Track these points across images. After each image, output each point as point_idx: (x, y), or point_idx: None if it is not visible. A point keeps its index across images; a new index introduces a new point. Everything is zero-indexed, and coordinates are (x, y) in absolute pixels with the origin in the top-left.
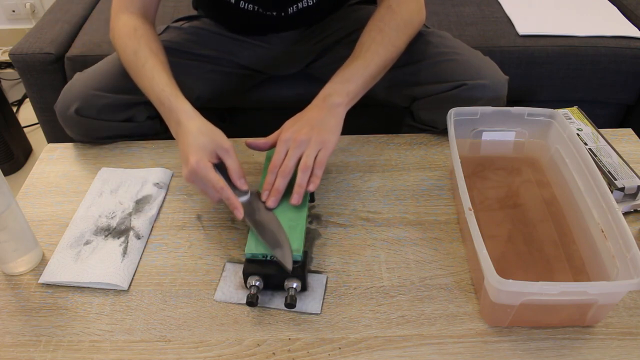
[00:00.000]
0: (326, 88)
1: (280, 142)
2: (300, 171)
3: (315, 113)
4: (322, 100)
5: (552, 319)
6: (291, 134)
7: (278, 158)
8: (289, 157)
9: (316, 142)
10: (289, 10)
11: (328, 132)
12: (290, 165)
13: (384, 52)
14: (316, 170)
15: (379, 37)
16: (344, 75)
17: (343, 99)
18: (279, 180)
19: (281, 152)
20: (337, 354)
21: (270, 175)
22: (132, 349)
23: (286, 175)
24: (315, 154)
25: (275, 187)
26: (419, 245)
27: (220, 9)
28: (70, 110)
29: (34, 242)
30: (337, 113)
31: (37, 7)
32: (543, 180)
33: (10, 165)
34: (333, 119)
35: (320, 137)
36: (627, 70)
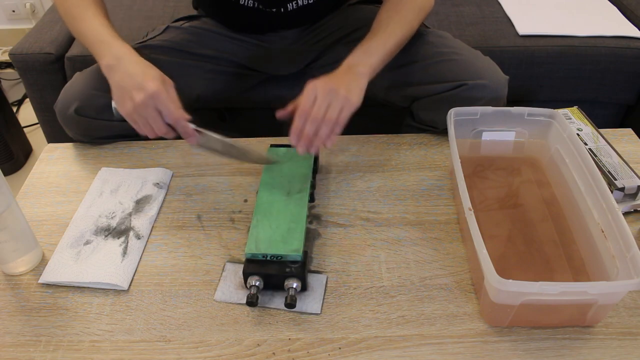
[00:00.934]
0: (350, 59)
1: (309, 88)
2: (325, 123)
3: (342, 75)
4: (348, 68)
5: (552, 319)
6: (320, 82)
7: (307, 102)
8: (319, 105)
9: (343, 97)
10: (288, 6)
11: (354, 92)
12: (320, 113)
13: (400, 32)
14: (336, 128)
15: (397, 17)
16: (367, 48)
17: (366, 70)
18: (308, 126)
19: (310, 96)
20: (337, 354)
21: (300, 120)
22: (132, 349)
23: (316, 121)
24: (340, 108)
25: (306, 134)
26: (419, 245)
27: (221, 7)
28: (70, 110)
29: (34, 242)
30: (362, 80)
31: (37, 7)
32: (543, 180)
33: (10, 165)
34: (358, 83)
35: (346, 93)
36: (627, 70)
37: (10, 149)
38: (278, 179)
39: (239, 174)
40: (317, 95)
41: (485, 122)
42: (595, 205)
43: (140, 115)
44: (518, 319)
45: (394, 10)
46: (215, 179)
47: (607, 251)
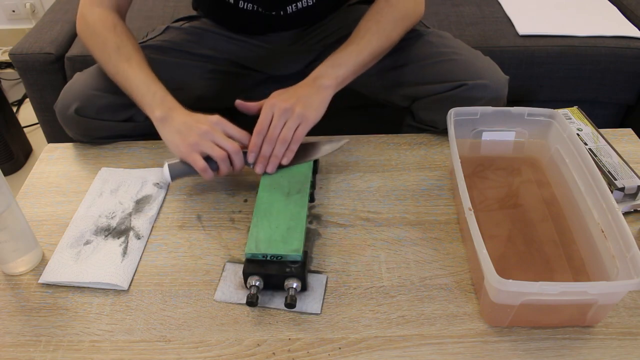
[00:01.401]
0: (317, 70)
1: (266, 106)
2: (279, 143)
3: (303, 89)
4: (312, 81)
5: (552, 319)
6: (277, 100)
7: (264, 120)
8: (274, 125)
9: (298, 115)
10: (288, 9)
11: (311, 108)
12: (275, 133)
13: (377, 43)
14: (292, 145)
15: (375, 28)
16: (336, 60)
17: (332, 82)
18: (265, 147)
19: (267, 114)
20: (337, 354)
21: (257, 137)
22: (132, 349)
23: (272, 142)
24: (295, 127)
25: (262, 154)
26: (419, 245)
27: (220, 9)
28: (70, 110)
29: (34, 242)
30: (324, 93)
31: (37, 7)
32: (543, 180)
33: (10, 165)
34: (319, 97)
35: (303, 110)
36: (627, 70)
37: (10, 149)
38: (278, 179)
39: (238, 174)
40: (273, 113)
41: (485, 122)
42: (595, 205)
43: (207, 140)
44: (518, 319)
45: (373, 21)
46: (215, 179)
47: (607, 251)
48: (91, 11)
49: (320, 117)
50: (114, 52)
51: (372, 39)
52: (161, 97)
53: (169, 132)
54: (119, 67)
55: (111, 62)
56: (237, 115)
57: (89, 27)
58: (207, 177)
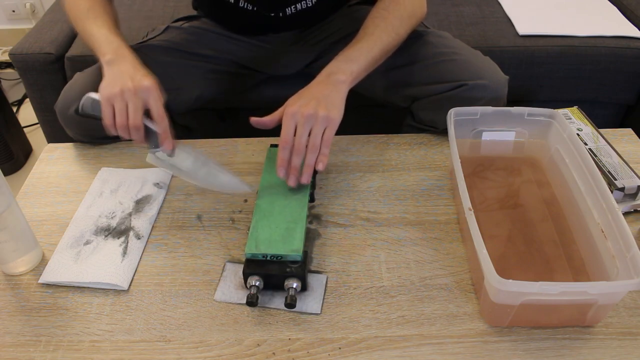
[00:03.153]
0: (330, 66)
1: (287, 117)
2: (310, 152)
3: (320, 88)
4: (327, 77)
5: (552, 319)
6: (298, 108)
7: (288, 133)
8: (300, 134)
9: (323, 119)
10: (287, 10)
11: (333, 107)
12: (302, 143)
13: (386, 39)
14: (323, 149)
15: (383, 24)
16: (348, 55)
17: (347, 77)
18: (294, 158)
19: (290, 126)
20: (337, 354)
21: (284, 152)
22: (132, 349)
23: (300, 153)
24: (322, 131)
25: (293, 166)
26: (419, 245)
27: (220, 9)
28: (70, 110)
29: (34, 242)
30: (341, 89)
31: (37, 7)
32: (543, 180)
33: (10, 165)
34: (337, 94)
35: (326, 113)
36: (627, 70)
37: (10, 149)
38: (278, 179)
39: (239, 174)
40: (296, 123)
41: (485, 122)
42: (595, 205)
43: (122, 100)
44: (518, 319)
45: (380, 18)
46: None
47: (607, 251)
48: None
49: (343, 115)
50: (84, 14)
51: (382, 34)
52: (116, 45)
53: (107, 75)
54: (85, 26)
55: (81, 22)
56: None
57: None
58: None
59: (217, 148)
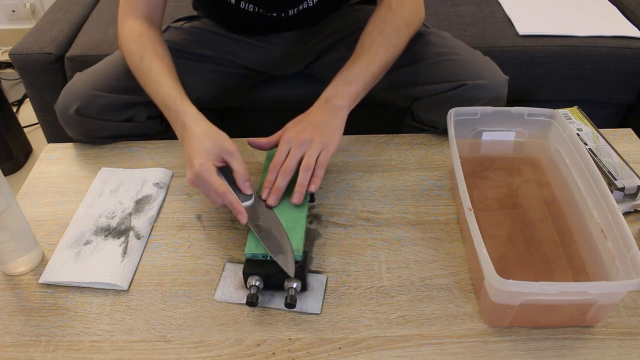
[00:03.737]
0: (328, 90)
1: (283, 141)
2: (302, 170)
3: (318, 115)
4: (325, 103)
5: (552, 319)
6: (294, 133)
7: (280, 157)
8: (291, 156)
9: (319, 143)
10: (289, 11)
11: (330, 133)
12: (291, 165)
13: (384, 53)
14: (317, 171)
15: (380, 38)
16: (345, 78)
17: (345, 102)
18: (280, 179)
19: (283, 150)
20: (337, 354)
21: (272, 174)
22: (132, 349)
23: (287, 174)
24: (317, 154)
25: (276, 186)
26: (419, 245)
27: (221, 10)
28: (70, 110)
29: (34, 242)
30: (340, 115)
31: (37, 7)
32: (543, 180)
33: (10, 165)
34: (336, 121)
35: (322, 138)
36: (627, 70)
37: (10, 149)
38: None
39: None
40: (290, 147)
41: (485, 122)
42: (595, 205)
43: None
44: (518, 319)
45: (377, 32)
46: None
47: (607, 251)
48: (123, 25)
49: (340, 141)
50: (139, 63)
51: (379, 50)
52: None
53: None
54: (143, 78)
55: (137, 74)
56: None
57: (122, 42)
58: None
59: None
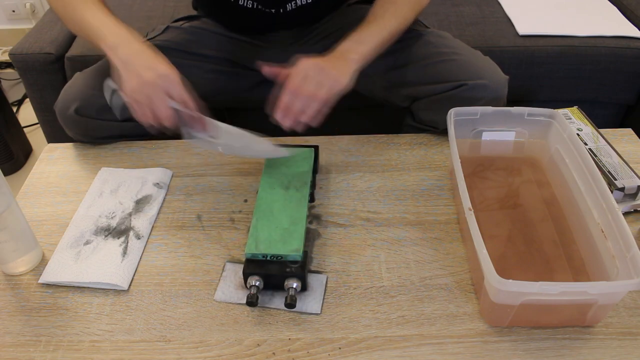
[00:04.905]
0: (342, 46)
1: (301, 64)
2: (314, 100)
3: (332, 59)
4: (340, 54)
5: (552, 319)
6: (312, 62)
7: (297, 78)
8: (310, 82)
9: (333, 77)
10: (287, 7)
11: (344, 74)
12: (307, 89)
13: (395, 23)
14: (324, 108)
15: (392, 9)
16: (359, 37)
17: (358, 57)
18: (298, 103)
19: (300, 73)
20: (337, 354)
21: (288, 96)
22: (132, 349)
23: (304, 97)
24: (329, 88)
25: (294, 110)
26: (419, 245)
27: (220, 8)
28: (70, 110)
29: (34, 242)
30: (352, 66)
31: (37, 7)
32: (543, 180)
33: (10, 165)
34: (349, 67)
35: (337, 73)
36: (627, 70)
37: (10, 149)
38: (278, 178)
39: (239, 174)
40: (307, 72)
41: (485, 122)
42: (595, 205)
43: (145, 95)
44: (518, 319)
45: (389, 2)
46: (215, 179)
47: (607, 251)
48: None
49: (350, 88)
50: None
51: (391, 18)
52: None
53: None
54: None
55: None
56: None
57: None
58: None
59: None
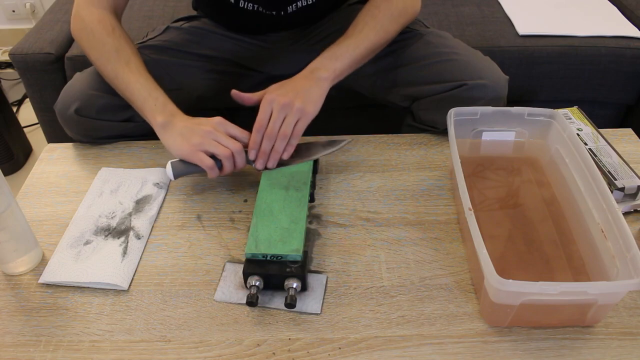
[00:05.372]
0: (315, 62)
1: (265, 101)
2: (279, 139)
3: (301, 82)
4: (310, 73)
5: (552, 319)
6: (276, 95)
7: (263, 117)
8: (274, 120)
9: (298, 110)
10: (288, 9)
11: (310, 101)
12: (275, 129)
13: (374, 37)
14: (292, 140)
15: (372, 22)
16: (333, 53)
17: (329, 75)
18: (265, 142)
19: (266, 111)
20: (337, 354)
21: (257, 135)
22: (132, 349)
23: (272, 138)
24: (295, 122)
25: (263, 150)
26: (419, 245)
27: (220, 9)
28: (70, 110)
29: (34, 242)
30: (322, 86)
31: (37, 7)
32: (543, 180)
33: (10, 165)
34: (317, 90)
35: (302, 105)
36: (627, 70)
37: (10, 149)
38: (278, 179)
39: (239, 174)
40: (272, 109)
41: (485, 122)
42: (595, 205)
43: (211, 140)
44: (518, 319)
45: (370, 16)
46: (217, 178)
47: (607, 251)
48: (89, 11)
49: (319, 111)
50: (113, 55)
51: (370, 33)
52: (162, 103)
53: (171, 137)
54: (117, 70)
55: (110, 65)
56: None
57: (87, 28)
58: (213, 174)
59: None
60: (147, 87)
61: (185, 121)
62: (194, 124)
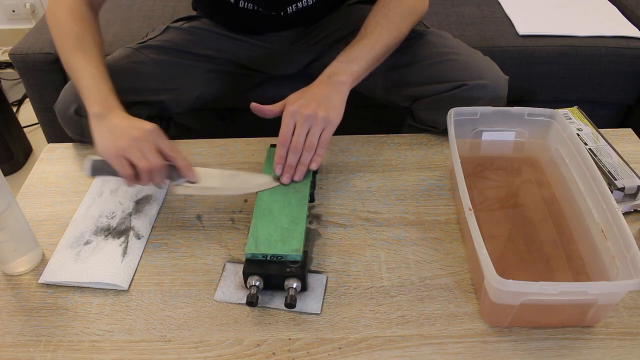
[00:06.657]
0: (331, 67)
1: (287, 115)
2: (305, 150)
3: (321, 89)
4: (328, 77)
5: (552, 319)
6: (298, 107)
7: (287, 131)
8: (298, 133)
9: (322, 120)
10: (288, 9)
11: (333, 109)
12: (300, 142)
13: (387, 36)
14: (319, 150)
15: (384, 22)
16: (349, 55)
17: (348, 78)
18: (290, 157)
19: (289, 125)
20: (337, 354)
21: (282, 149)
22: (132, 349)
23: (297, 151)
24: (320, 132)
25: (288, 164)
26: (419, 245)
27: (220, 9)
28: (70, 110)
29: (34, 242)
30: (342, 91)
31: (37, 7)
32: (543, 180)
33: (10, 165)
34: (338, 96)
35: (325, 114)
36: (627, 70)
37: (10, 149)
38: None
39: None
40: (295, 122)
41: (485, 122)
42: (595, 205)
43: (136, 149)
44: (518, 319)
45: (381, 15)
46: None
47: (607, 251)
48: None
49: (342, 117)
50: (73, 42)
51: (383, 32)
52: (105, 95)
53: (100, 131)
54: (72, 57)
55: (68, 52)
56: (237, 115)
57: (56, 14)
58: (129, 184)
59: (216, 148)
60: (95, 77)
61: (120, 119)
62: (127, 125)
